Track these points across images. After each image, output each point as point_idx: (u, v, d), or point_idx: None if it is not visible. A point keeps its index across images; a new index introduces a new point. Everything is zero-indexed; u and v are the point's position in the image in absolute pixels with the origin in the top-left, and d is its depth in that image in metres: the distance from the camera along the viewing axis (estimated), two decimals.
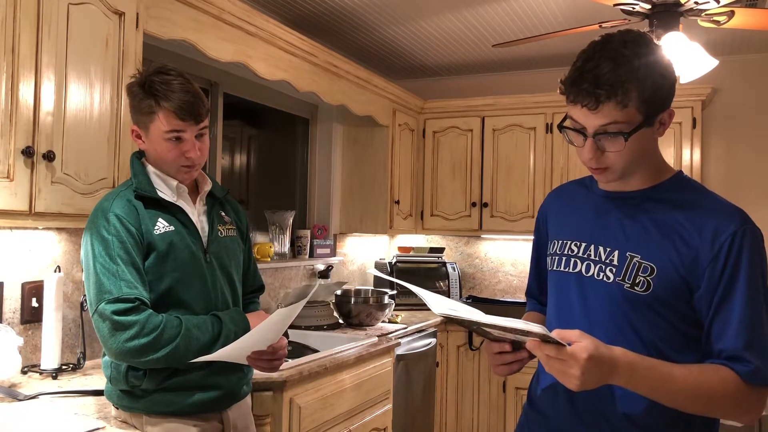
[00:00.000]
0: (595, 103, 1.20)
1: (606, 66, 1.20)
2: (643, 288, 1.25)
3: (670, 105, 1.28)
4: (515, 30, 3.68)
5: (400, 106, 4.18)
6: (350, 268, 4.38)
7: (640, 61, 1.21)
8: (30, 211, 1.78)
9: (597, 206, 1.38)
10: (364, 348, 2.78)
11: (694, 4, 2.56)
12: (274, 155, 4.07)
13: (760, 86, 4.03)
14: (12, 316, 2.13)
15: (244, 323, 1.65)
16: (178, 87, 1.58)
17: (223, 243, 1.74)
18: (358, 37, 3.88)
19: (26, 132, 1.76)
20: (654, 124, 1.26)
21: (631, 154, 1.25)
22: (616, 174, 1.29)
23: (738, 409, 1.22)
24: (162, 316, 1.53)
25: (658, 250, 1.25)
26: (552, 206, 1.52)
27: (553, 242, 1.45)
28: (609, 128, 1.22)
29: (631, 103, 1.20)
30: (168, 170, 1.65)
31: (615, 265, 1.28)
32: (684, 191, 1.31)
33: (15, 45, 1.73)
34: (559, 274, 1.39)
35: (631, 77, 1.19)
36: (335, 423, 2.51)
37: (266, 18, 2.79)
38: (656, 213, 1.29)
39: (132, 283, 1.51)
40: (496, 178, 4.26)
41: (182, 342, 1.51)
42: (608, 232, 1.32)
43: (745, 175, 4.05)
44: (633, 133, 1.21)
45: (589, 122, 1.23)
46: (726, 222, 1.23)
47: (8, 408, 1.71)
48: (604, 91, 1.19)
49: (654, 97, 1.22)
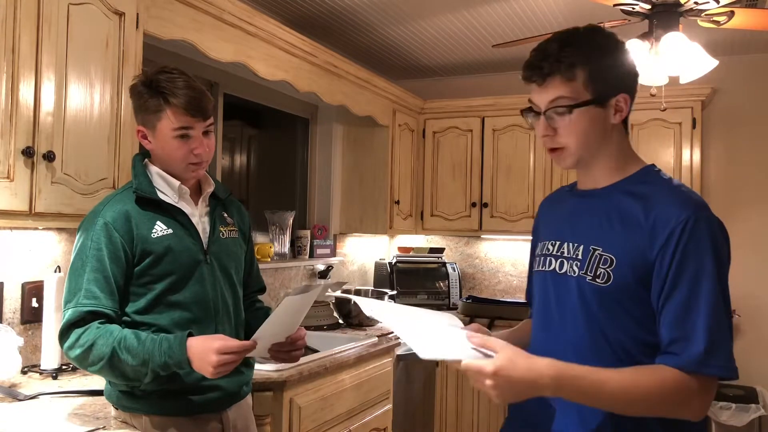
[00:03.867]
0: (542, 78, 1.26)
1: (554, 45, 1.27)
2: (603, 279, 1.26)
3: (628, 91, 1.31)
4: (515, 30, 3.68)
5: (400, 107, 4.18)
6: (350, 268, 4.38)
7: (589, 41, 1.28)
8: (30, 211, 1.78)
9: (572, 206, 1.41)
10: (364, 348, 2.78)
11: (694, 4, 2.56)
12: (274, 155, 4.07)
13: (760, 86, 4.03)
14: (12, 317, 2.13)
15: (177, 356, 1.48)
16: (183, 84, 1.59)
17: (224, 244, 1.74)
18: (358, 37, 3.88)
19: (26, 132, 1.76)
20: (607, 107, 1.28)
21: (583, 133, 1.28)
22: (572, 156, 1.31)
23: (679, 406, 1.18)
24: (100, 331, 1.49)
25: (617, 241, 1.26)
26: (543, 212, 1.56)
27: (537, 245, 1.48)
28: (557, 103, 1.27)
29: (577, 78, 1.25)
30: (175, 169, 1.65)
31: (579, 259, 1.30)
32: (649, 184, 1.32)
33: (15, 45, 1.73)
34: (539, 274, 1.42)
35: (577, 53, 1.25)
36: (335, 423, 2.51)
37: (266, 18, 2.79)
38: (619, 206, 1.30)
39: (93, 293, 1.52)
40: (496, 178, 4.26)
41: (109, 363, 1.48)
42: (577, 228, 1.35)
43: (745, 175, 4.04)
44: (578, 106, 1.25)
45: (540, 99, 1.29)
46: (678, 210, 1.22)
47: (8, 408, 1.71)
48: (548, 64, 1.25)
49: (602, 75, 1.26)
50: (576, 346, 1.29)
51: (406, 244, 4.81)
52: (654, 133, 3.91)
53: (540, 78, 1.27)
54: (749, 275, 3.98)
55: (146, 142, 1.65)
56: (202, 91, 1.62)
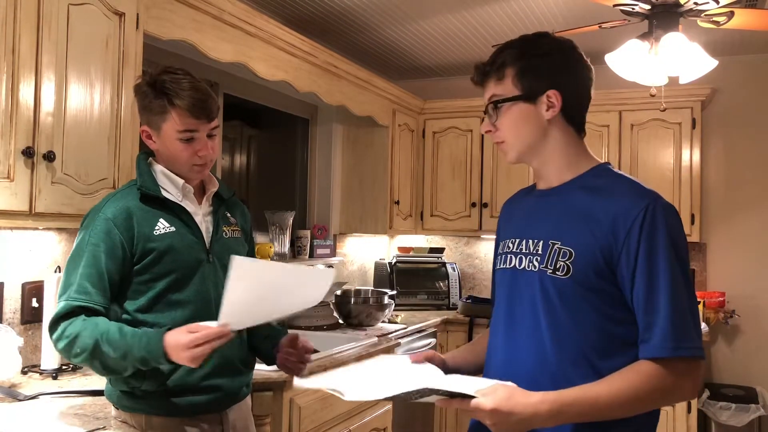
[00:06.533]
0: (481, 79, 1.40)
1: (496, 51, 1.40)
2: (563, 272, 1.29)
3: (559, 87, 1.35)
4: (515, 30, 3.68)
5: (400, 107, 4.18)
6: (350, 268, 4.38)
7: (524, 44, 1.38)
8: (30, 212, 1.78)
9: (530, 205, 1.46)
10: (363, 348, 2.78)
11: (694, 4, 2.56)
12: (274, 155, 4.07)
13: (760, 86, 4.03)
14: (12, 317, 2.13)
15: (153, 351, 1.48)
16: (188, 85, 1.57)
17: (227, 244, 1.74)
18: (358, 38, 3.89)
19: (26, 132, 1.76)
20: (537, 103, 1.35)
21: (515, 128, 1.37)
22: (512, 150, 1.40)
23: (670, 394, 1.24)
24: (85, 324, 1.50)
25: (575, 234, 1.30)
26: (504, 214, 1.60)
27: (499, 244, 1.52)
28: (491, 100, 1.39)
29: (506, 77, 1.36)
30: (180, 169, 1.65)
31: (539, 254, 1.34)
32: (603, 178, 1.37)
33: (15, 45, 1.73)
34: (500, 272, 1.46)
35: (509, 55, 1.36)
36: (335, 423, 2.51)
37: (266, 18, 2.80)
38: (575, 201, 1.34)
39: (83, 289, 1.52)
40: (496, 178, 4.26)
41: (91, 355, 1.49)
42: (536, 225, 1.39)
43: (745, 175, 4.05)
44: (505, 101, 1.36)
45: (484, 98, 1.42)
46: (636, 200, 1.27)
47: (8, 408, 1.71)
48: (484, 67, 1.39)
49: (530, 73, 1.34)
50: (538, 339, 1.31)
51: (406, 244, 4.81)
52: (654, 133, 3.91)
53: (479, 79, 1.41)
54: (749, 275, 3.99)
55: (150, 142, 1.65)
56: (207, 92, 1.60)
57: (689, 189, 3.84)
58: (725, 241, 4.07)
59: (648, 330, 1.22)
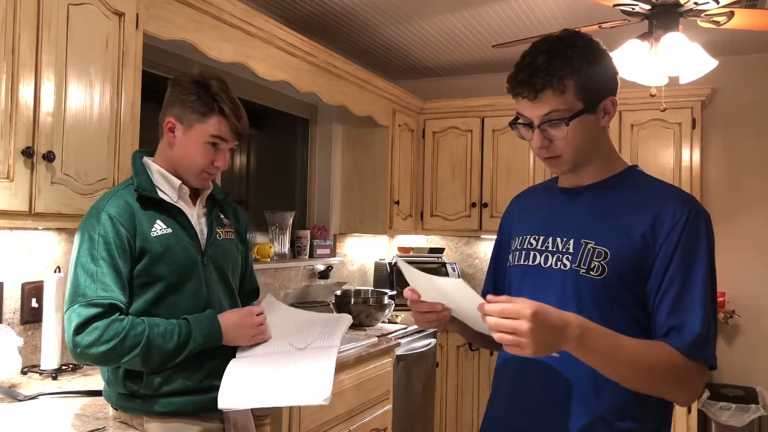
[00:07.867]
0: (534, 93, 1.27)
1: (541, 58, 1.27)
2: (598, 272, 1.28)
3: (613, 93, 1.34)
4: (515, 30, 3.69)
5: (400, 107, 4.18)
6: (350, 268, 4.38)
7: (574, 52, 1.28)
8: (30, 212, 1.78)
9: (555, 202, 1.43)
10: (363, 348, 2.78)
11: (694, 4, 2.56)
12: (274, 155, 4.07)
13: (760, 86, 4.03)
14: (12, 317, 2.13)
15: (214, 333, 1.61)
16: (235, 101, 1.66)
17: (221, 246, 1.74)
18: (358, 38, 3.89)
19: (26, 132, 1.76)
20: (597, 112, 1.31)
21: (578, 141, 1.30)
22: (568, 162, 1.34)
23: (678, 385, 1.23)
24: (126, 322, 1.50)
25: (611, 235, 1.29)
26: (515, 208, 1.58)
27: (514, 239, 1.49)
28: (551, 116, 1.28)
29: (568, 90, 1.27)
30: (186, 171, 1.66)
31: (571, 252, 1.32)
32: (640, 179, 1.37)
33: (15, 45, 1.73)
34: (519, 269, 1.42)
35: (565, 65, 1.26)
36: (335, 423, 2.51)
37: (266, 18, 2.80)
38: (609, 200, 1.34)
39: (108, 287, 1.51)
40: (496, 178, 4.26)
41: (143, 350, 1.50)
42: (564, 223, 1.37)
43: (745, 175, 4.05)
44: (573, 118, 1.27)
45: (533, 113, 1.30)
46: (679, 204, 1.28)
47: (8, 408, 1.71)
48: (540, 80, 1.26)
49: (591, 84, 1.28)
50: None
51: (406, 244, 4.81)
52: (654, 133, 3.91)
53: (532, 93, 1.27)
54: (749, 275, 3.99)
55: (170, 135, 1.65)
56: (246, 115, 1.69)
57: (689, 189, 3.84)
58: (725, 241, 4.06)
59: (682, 328, 1.22)
